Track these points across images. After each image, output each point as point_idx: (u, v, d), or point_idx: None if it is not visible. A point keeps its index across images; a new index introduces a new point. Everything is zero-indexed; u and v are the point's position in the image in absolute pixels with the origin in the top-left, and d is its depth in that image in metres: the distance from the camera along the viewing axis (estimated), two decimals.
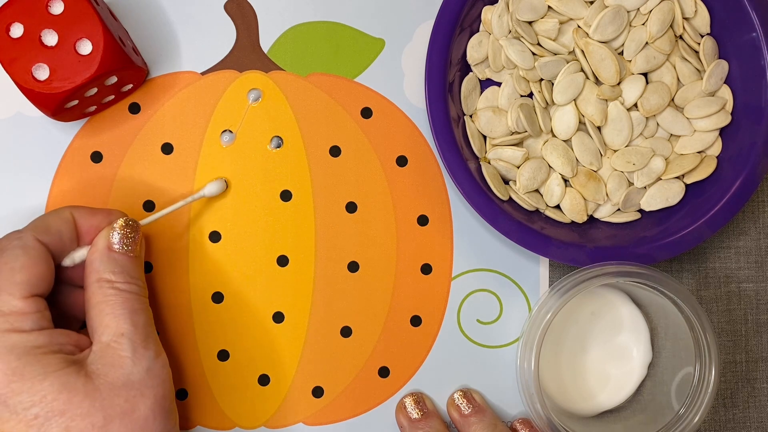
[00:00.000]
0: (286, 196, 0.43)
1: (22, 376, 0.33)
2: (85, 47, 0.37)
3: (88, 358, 0.35)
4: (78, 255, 0.38)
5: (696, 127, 0.43)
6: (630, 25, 0.42)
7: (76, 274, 0.38)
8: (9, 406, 0.33)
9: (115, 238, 0.37)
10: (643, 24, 0.42)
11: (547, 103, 0.42)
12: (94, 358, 0.35)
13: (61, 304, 0.39)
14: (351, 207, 0.44)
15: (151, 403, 0.35)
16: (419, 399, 0.43)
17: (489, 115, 0.42)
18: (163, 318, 0.43)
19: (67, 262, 0.38)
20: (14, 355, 0.33)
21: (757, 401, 0.46)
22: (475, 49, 0.43)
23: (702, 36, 0.43)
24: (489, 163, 0.42)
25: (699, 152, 0.43)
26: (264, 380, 0.43)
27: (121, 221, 0.38)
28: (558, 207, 0.43)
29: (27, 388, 0.33)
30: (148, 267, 0.43)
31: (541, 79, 0.42)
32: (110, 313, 0.36)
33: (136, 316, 0.36)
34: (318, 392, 0.44)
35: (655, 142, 0.43)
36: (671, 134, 0.43)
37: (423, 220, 0.44)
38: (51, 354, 0.34)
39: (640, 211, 0.44)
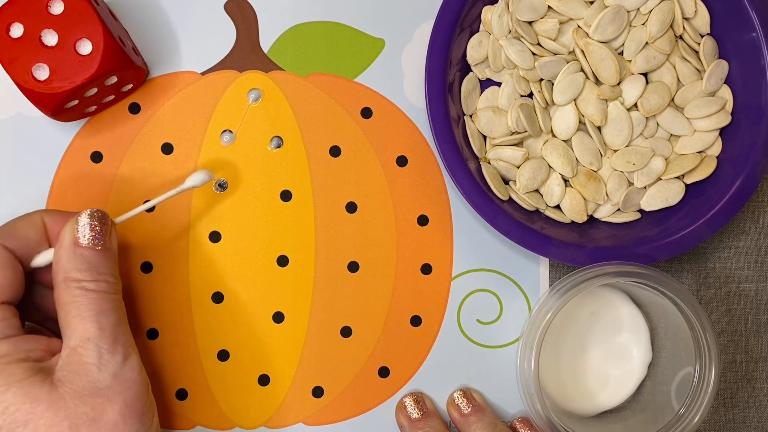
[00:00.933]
0: (286, 196, 0.43)
1: None
2: (85, 47, 0.37)
3: (57, 364, 0.34)
4: (47, 255, 0.37)
5: (696, 127, 0.43)
6: (630, 25, 0.42)
7: (50, 275, 0.37)
8: None
9: (81, 231, 0.35)
10: (643, 24, 0.42)
11: (547, 103, 0.42)
12: (61, 364, 0.34)
13: (39, 306, 0.38)
14: (351, 207, 0.44)
15: (119, 407, 0.34)
16: (419, 399, 0.43)
17: (489, 115, 0.42)
18: (163, 318, 0.43)
19: (37, 262, 0.37)
20: None
21: (757, 401, 0.46)
22: (475, 49, 0.43)
23: (702, 36, 0.43)
24: (489, 163, 0.42)
25: (699, 152, 0.43)
26: (264, 380, 0.43)
27: (85, 213, 0.36)
28: (558, 207, 0.43)
29: None
30: (148, 267, 0.43)
31: (541, 79, 0.42)
32: (77, 315, 0.34)
33: (104, 317, 0.35)
34: (318, 392, 0.44)
35: (655, 142, 0.43)
36: (671, 134, 0.43)
37: (423, 220, 0.44)
38: (15, 363, 0.33)
39: (640, 211, 0.44)
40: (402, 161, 0.44)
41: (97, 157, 0.43)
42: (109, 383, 0.34)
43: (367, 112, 0.44)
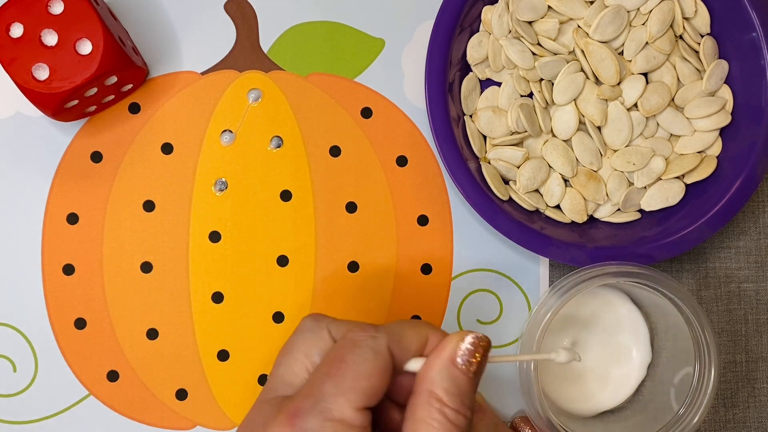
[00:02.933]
0: (286, 196, 0.43)
1: None
2: (85, 47, 0.37)
3: None
4: (417, 364, 0.33)
5: (696, 127, 0.43)
6: (630, 25, 0.42)
7: (400, 383, 0.34)
8: None
9: (462, 350, 0.33)
10: (643, 24, 0.42)
11: (547, 103, 0.42)
12: None
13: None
14: (351, 207, 0.44)
15: None
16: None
17: (489, 115, 0.42)
18: (163, 318, 0.43)
19: (410, 366, 0.33)
20: None
21: (757, 401, 0.46)
22: (475, 49, 0.43)
23: (702, 36, 0.43)
24: (489, 163, 0.42)
25: (699, 152, 0.43)
26: (264, 380, 0.43)
27: (473, 335, 0.33)
28: (558, 207, 0.43)
29: None
30: (148, 267, 0.43)
31: (541, 79, 0.42)
32: None
33: None
34: None
35: (655, 142, 0.43)
36: (671, 134, 0.43)
37: (423, 220, 0.44)
38: None
39: (640, 211, 0.44)
40: (402, 161, 0.44)
41: (97, 157, 0.43)
42: None
43: (367, 112, 0.44)
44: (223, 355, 0.43)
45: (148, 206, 0.43)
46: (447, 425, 0.32)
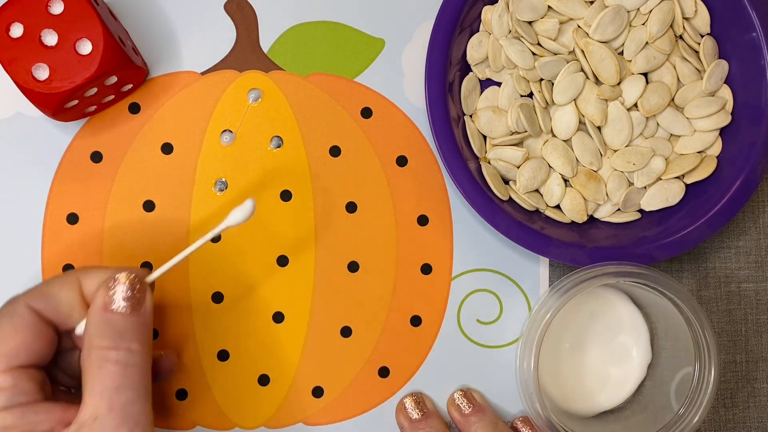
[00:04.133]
0: (286, 196, 0.43)
1: None
2: (85, 47, 0.37)
3: None
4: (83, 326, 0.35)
5: (696, 127, 0.43)
6: (630, 25, 0.42)
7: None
8: None
9: (113, 294, 0.34)
10: (643, 24, 0.42)
11: (547, 103, 0.42)
12: None
13: (69, 370, 0.37)
14: (351, 207, 0.44)
15: None
16: (419, 399, 0.43)
17: (489, 115, 0.42)
18: (163, 318, 0.43)
19: (79, 330, 0.35)
20: None
21: (757, 401, 0.46)
22: (475, 49, 0.43)
23: (702, 36, 0.43)
24: (489, 163, 0.42)
25: (699, 152, 0.43)
26: (264, 380, 0.43)
27: (122, 276, 0.34)
28: (558, 207, 0.43)
29: None
30: (149, 267, 0.43)
31: (541, 79, 0.42)
32: (91, 390, 0.32)
33: (116, 395, 0.32)
34: (318, 392, 0.44)
35: (655, 142, 0.43)
36: (671, 134, 0.43)
37: (423, 220, 0.44)
38: None
39: (640, 211, 0.44)
40: (402, 161, 0.44)
41: (97, 157, 0.43)
42: None
43: (367, 112, 0.44)
44: (223, 355, 0.43)
45: (148, 206, 0.43)
46: (107, 366, 0.33)
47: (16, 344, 0.33)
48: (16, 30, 0.37)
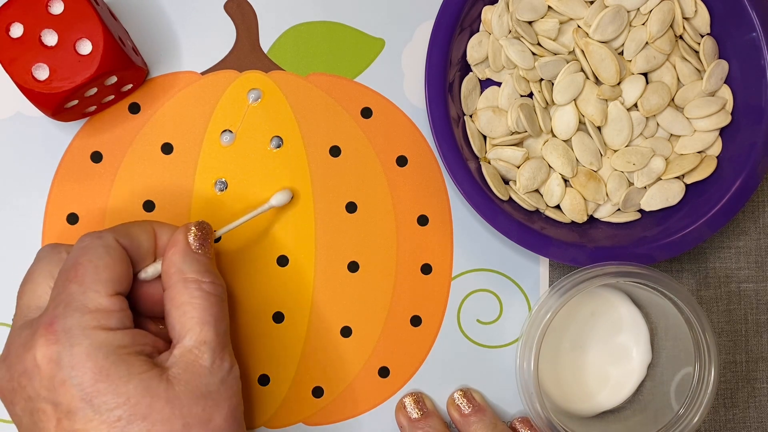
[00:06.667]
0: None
1: (108, 376, 0.33)
2: (85, 47, 0.37)
3: (167, 361, 0.35)
4: (153, 269, 0.37)
5: (696, 127, 0.43)
6: (630, 25, 0.42)
7: (142, 294, 0.38)
8: (94, 405, 0.32)
9: (192, 237, 0.37)
10: (643, 24, 0.42)
11: (547, 103, 0.42)
12: (173, 361, 0.35)
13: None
14: (351, 207, 0.44)
15: (225, 413, 0.35)
16: (419, 399, 0.43)
17: (489, 115, 0.42)
18: None
19: (143, 275, 0.37)
20: (102, 354, 0.33)
21: (757, 401, 0.46)
22: (475, 49, 0.43)
23: (702, 36, 0.43)
24: (489, 163, 0.42)
25: (699, 152, 0.43)
26: (264, 380, 0.43)
27: (196, 223, 0.38)
28: (558, 207, 0.43)
29: (112, 389, 0.33)
30: None
31: (541, 79, 0.42)
32: (195, 317, 0.35)
33: (219, 323, 0.36)
34: (318, 392, 0.44)
35: (655, 142, 0.43)
36: (671, 134, 0.43)
37: (423, 220, 0.44)
38: (134, 355, 0.34)
39: (640, 211, 0.44)
40: (402, 161, 0.44)
41: (97, 157, 0.43)
42: (218, 387, 0.35)
43: (367, 112, 0.44)
44: None
45: (148, 206, 0.43)
46: (208, 297, 0.36)
47: (118, 272, 0.35)
48: (16, 30, 0.37)
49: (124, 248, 0.36)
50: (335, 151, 0.44)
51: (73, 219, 0.43)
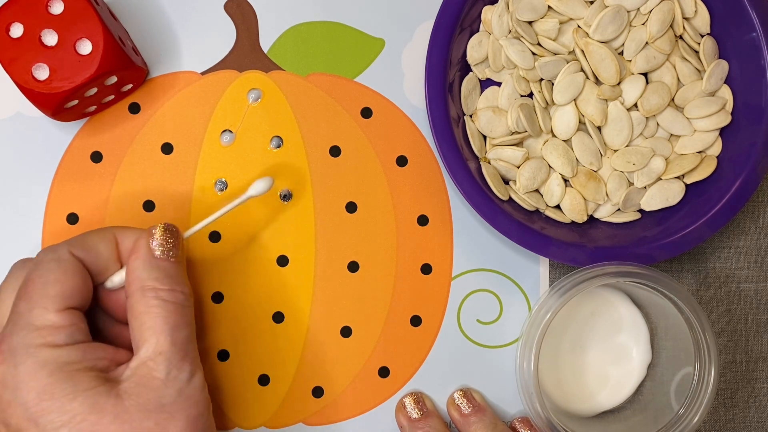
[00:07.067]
0: (286, 196, 0.43)
1: (53, 395, 0.32)
2: (85, 47, 0.37)
3: (123, 374, 0.34)
4: (119, 277, 0.37)
5: (696, 127, 0.43)
6: (630, 25, 0.42)
7: (114, 302, 0.37)
8: (39, 425, 0.32)
9: (155, 243, 0.36)
10: (643, 24, 0.42)
11: (547, 103, 0.42)
12: (128, 375, 0.34)
13: (102, 331, 0.38)
14: (351, 207, 0.44)
15: (182, 424, 0.34)
16: (419, 399, 0.43)
17: (489, 115, 0.42)
18: None
19: (108, 284, 0.37)
20: (46, 371, 0.32)
21: (757, 401, 0.46)
22: (475, 49, 0.43)
23: (702, 36, 0.43)
24: (489, 163, 0.42)
25: (699, 152, 0.43)
26: (264, 380, 0.43)
27: (159, 227, 0.36)
28: (558, 207, 0.43)
29: (57, 408, 0.32)
30: None
31: (541, 79, 0.42)
32: (151, 327, 0.34)
33: (177, 332, 0.35)
34: (318, 392, 0.44)
35: (655, 142, 0.43)
36: (671, 134, 0.43)
37: (423, 220, 0.44)
38: (83, 371, 0.33)
39: (640, 211, 0.44)
40: (402, 161, 0.44)
41: (97, 157, 0.43)
42: (173, 399, 0.34)
43: (367, 112, 0.44)
44: (223, 355, 0.43)
45: (148, 206, 0.43)
46: (167, 305, 0.35)
47: (69, 286, 0.34)
48: (16, 30, 0.37)
49: (80, 260, 0.35)
50: (335, 151, 0.44)
51: (73, 219, 0.43)
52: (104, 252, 0.36)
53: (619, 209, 0.43)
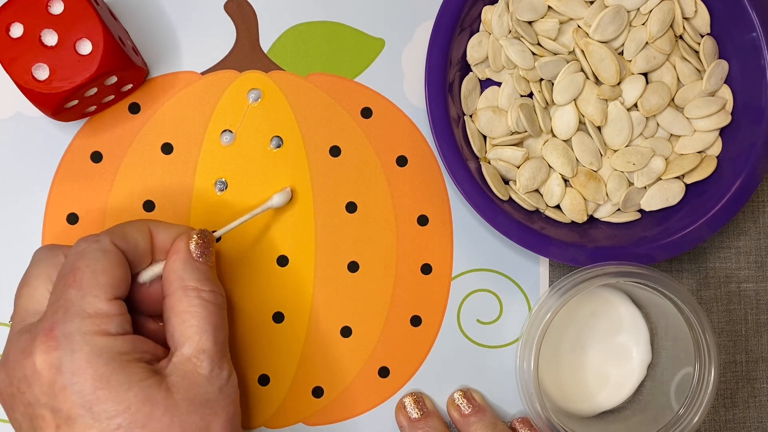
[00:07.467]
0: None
1: (109, 384, 0.32)
2: (85, 47, 0.37)
3: (166, 368, 0.34)
4: (152, 272, 0.37)
5: (696, 127, 0.43)
6: (630, 25, 0.42)
7: (145, 295, 0.38)
8: (94, 413, 0.32)
9: (193, 245, 0.37)
10: (643, 24, 0.42)
11: (547, 103, 0.42)
12: (172, 369, 0.34)
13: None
14: (351, 207, 0.44)
15: (223, 421, 0.35)
16: (419, 399, 0.43)
17: (489, 115, 0.42)
18: None
19: (144, 277, 0.37)
20: (102, 360, 0.33)
21: (757, 401, 0.46)
22: (475, 49, 0.43)
23: (702, 36, 0.43)
24: (489, 163, 0.42)
25: (699, 152, 0.43)
26: (264, 380, 0.43)
27: (198, 231, 0.37)
28: (558, 207, 0.43)
29: (113, 397, 0.32)
30: None
31: (541, 79, 0.42)
32: (195, 326, 0.35)
33: (218, 332, 0.36)
34: (318, 392, 0.44)
35: (655, 142, 0.43)
36: (671, 134, 0.43)
37: (423, 220, 0.44)
38: (135, 362, 0.34)
39: (640, 211, 0.44)
40: (402, 161, 0.44)
41: (97, 157, 0.43)
42: (216, 396, 0.35)
43: (367, 112, 0.44)
44: None
45: (148, 206, 0.43)
46: (208, 305, 0.36)
47: (117, 276, 0.35)
48: (16, 30, 0.37)
49: (121, 250, 0.36)
50: (335, 151, 0.44)
51: (73, 219, 0.43)
52: (141, 244, 0.37)
53: (619, 209, 0.43)
